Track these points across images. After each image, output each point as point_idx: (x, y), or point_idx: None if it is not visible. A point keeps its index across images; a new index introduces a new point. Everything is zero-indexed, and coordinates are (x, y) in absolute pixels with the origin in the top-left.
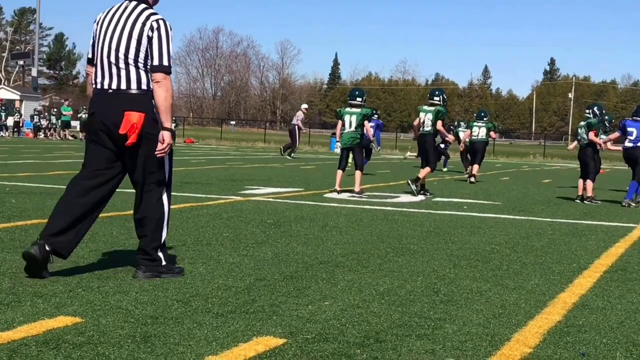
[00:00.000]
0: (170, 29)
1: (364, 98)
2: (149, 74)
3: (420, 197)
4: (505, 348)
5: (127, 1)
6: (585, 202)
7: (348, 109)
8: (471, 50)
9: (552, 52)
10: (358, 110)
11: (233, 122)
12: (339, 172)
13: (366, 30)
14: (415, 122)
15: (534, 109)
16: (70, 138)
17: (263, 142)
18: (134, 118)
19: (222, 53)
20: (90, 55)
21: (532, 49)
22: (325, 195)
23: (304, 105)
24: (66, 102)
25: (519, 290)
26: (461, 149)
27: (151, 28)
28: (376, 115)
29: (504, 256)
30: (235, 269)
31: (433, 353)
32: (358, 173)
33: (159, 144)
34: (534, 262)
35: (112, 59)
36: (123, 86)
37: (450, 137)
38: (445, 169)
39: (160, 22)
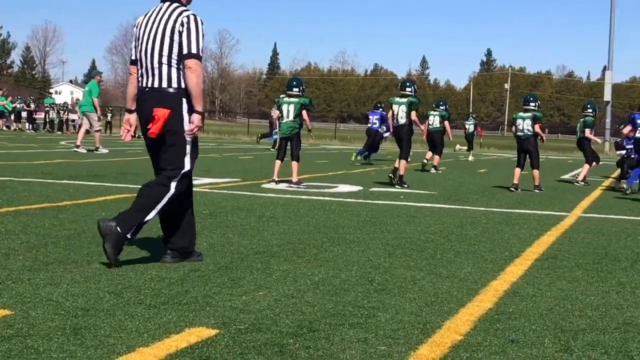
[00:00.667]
0: (202, 23)
1: (301, 88)
2: (182, 71)
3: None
4: (436, 335)
5: (162, 3)
6: (535, 190)
7: (286, 99)
8: (409, 41)
9: (489, 43)
10: (296, 99)
11: None
12: (277, 162)
13: (305, 21)
14: (389, 115)
15: (471, 100)
16: (4, 129)
17: (201, 132)
18: (159, 113)
19: None
20: (133, 57)
21: (469, 40)
22: (263, 185)
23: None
24: (0, 92)
25: (451, 278)
26: (424, 138)
27: (182, 24)
28: (381, 109)
29: (438, 245)
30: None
31: (365, 342)
32: (295, 163)
33: (188, 124)
34: (468, 250)
35: (149, 59)
36: (156, 84)
37: (424, 128)
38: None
39: (191, 16)
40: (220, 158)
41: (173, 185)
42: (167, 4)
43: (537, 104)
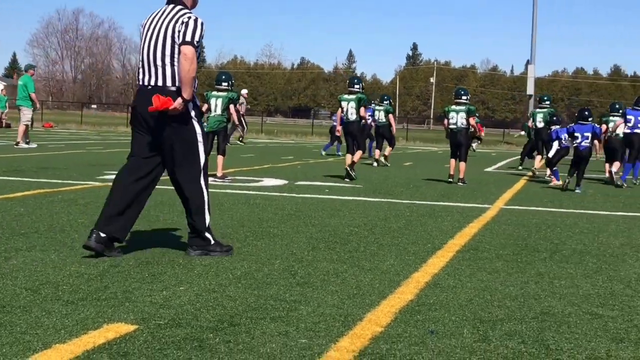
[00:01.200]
0: (202, 23)
1: (230, 82)
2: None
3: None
4: (357, 328)
5: (166, 5)
6: (459, 183)
7: (214, 93)
8: (336, 35)
9: (415, 37)
10: (224, 94)
11: (94, 106)
12: None
13: (231, 14)
14: (338, 112)
15: (397, 93)
16: None
17: (125, 126)
18: (168, 102)
19: (82, 35)
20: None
21: (395, 34)
22: None
23: (244, 91)
24: None
25: (374, 271)
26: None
27: (182, 23)
28: (372, 104)
29: (362, 238)
30: (89, 255)
31: (286, 335)
32: (220, 157)
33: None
34: (391, 243)
35: (151, 58)
36: (160, 82)
37: (371, 122)
38: (324, 153)
39: (191, 16)
40: None
41: (202, 182)
42: (172, 6)
43: (468, 97)
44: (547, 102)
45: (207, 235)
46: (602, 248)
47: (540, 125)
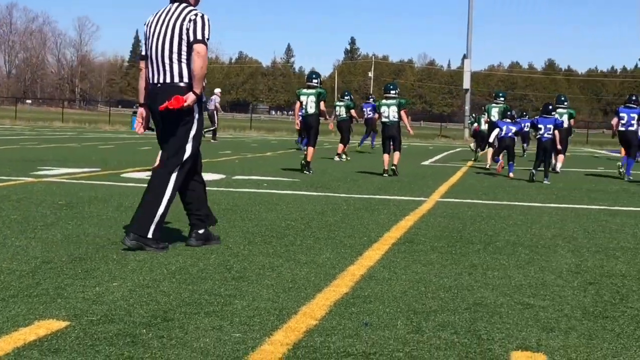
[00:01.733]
0: (208, 19)
1: None
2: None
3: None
4: (291, 321)
5: (171, 4)
6: (392, 167)
7: None
8: (274, 30)
9: (352, 32)
10: None
11: (29, 101)
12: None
13: None
14: (297, 106)
15: (336, 88)
16: None
17: (61, 121)
18: (180, 102)
19: (16, 29)
20: (142, 53)
21: (334, 28)
22: (123, 175)
23: (218, 90)
24: None
25: (310, 264)
26: (330, 127)
27: (189, 20)
28: (372, 99)
29: (299, 232)
30: (20, 252)
31: (220, 329)
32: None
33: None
34: (327, 236)
35: (160, 57)
36: (168, 80)
37: (330, 118)
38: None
39: (198, 14)
40: (79, 147)
41: (174, 177)
42: (176, 4)
43: (397, 91)
44: (502, 98)
45: (149, 228)
46: (535, 239)
47: (495, 119)
